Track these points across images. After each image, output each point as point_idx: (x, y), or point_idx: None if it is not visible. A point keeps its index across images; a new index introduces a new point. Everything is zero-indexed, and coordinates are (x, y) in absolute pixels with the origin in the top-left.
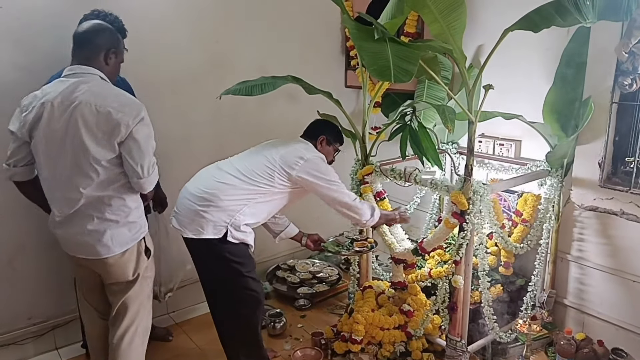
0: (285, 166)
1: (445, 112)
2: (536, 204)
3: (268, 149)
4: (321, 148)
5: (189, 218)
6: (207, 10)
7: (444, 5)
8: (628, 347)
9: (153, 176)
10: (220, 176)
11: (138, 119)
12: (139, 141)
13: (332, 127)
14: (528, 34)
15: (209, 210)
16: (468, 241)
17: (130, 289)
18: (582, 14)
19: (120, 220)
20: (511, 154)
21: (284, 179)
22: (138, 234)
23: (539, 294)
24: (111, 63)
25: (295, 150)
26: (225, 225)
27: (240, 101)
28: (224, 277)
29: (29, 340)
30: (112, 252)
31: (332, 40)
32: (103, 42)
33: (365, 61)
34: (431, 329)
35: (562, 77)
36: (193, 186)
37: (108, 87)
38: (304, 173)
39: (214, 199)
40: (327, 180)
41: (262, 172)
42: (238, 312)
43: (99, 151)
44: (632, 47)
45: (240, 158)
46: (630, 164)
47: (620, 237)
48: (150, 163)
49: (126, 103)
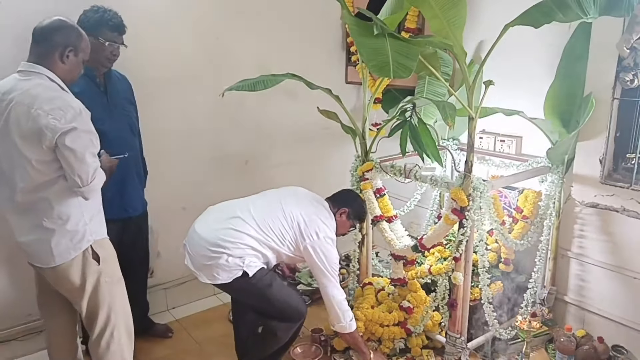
0: (299, 234)
1: (445, 108)
2: (537, 200)
3: (289, 207)
4: (339, 218)
5: (202, 263)
6: (207, 7)
7: (444, 0)
8: (628, 344)
9: (95, 183)
10: (238, 225)
11: (69, 126)
12: (75, 150)
13: (359, 204)
14: (529, 29)
15: (221, 256)
16: (468, 238)
17: (85, 297)
18: (584, 10)
19: (56, 228)
20: (512, 151)
21: (292, 244)
22: (82, 243)
23: (539, 291)
24: (68, 62)
25: (314, 223)
26: (241, 268)
27: (240, 98)
28: (257, 303)
29: (28, 336)
30: (54, 263)
31: (332, 36)
32: (60, 39)
33: (364, 57)
34: (431, 325)
35: (564, 73)
36: (207, 230)
37: (48, 89)
38: (312, 248)
39: (228, 245)
40: (328, 267)
41: (276, 231)
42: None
43: (29, 151)
44: (634, 42)
45: (258, 206)
46: (631, 161)
47: (621, 234)
48: (89, 172)
49: (58, 107)
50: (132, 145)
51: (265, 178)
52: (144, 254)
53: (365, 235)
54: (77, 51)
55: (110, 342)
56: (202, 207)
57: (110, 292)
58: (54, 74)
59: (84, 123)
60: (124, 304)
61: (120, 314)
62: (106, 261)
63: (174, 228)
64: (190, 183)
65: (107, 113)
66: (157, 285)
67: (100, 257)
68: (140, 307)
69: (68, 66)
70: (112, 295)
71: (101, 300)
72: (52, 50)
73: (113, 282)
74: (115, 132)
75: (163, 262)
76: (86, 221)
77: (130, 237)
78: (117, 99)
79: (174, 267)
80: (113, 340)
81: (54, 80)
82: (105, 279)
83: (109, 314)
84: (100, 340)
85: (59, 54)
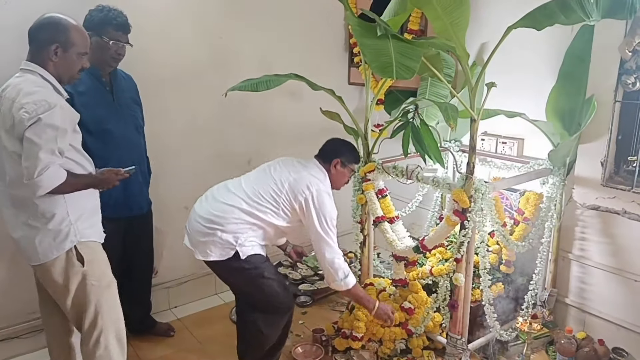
0: (291, 193)
1: (447, 110)
2: (538, 202)
3: (279, 171)
4: (335, 171)
5: (197, 239)
6: (211, 6)
7: (448, 2)
8: (629, 346)
9: (42, 180)
10: (229, 198)
11: (34, 119)
12: (31, 141)
13: (347, 148)
14: (531, 31)
15: (215, 232)
16: (469, 239)
17: (69, 298)
18: (586, 12)
19: (40, 226)
20: (514, 152)
21: (288, 207)
22: (65, 243)
23: (540, 293)
24: (58, 58)
25: (304, 178)
26: (233, 247)
27: (244, 97)
28: (246, 285)
29: (30, 335)
30: (39, 261)
31: (335, 37)
32: (44, 37)
33: (367, 58)
34: (432, 326)
35: (566, 75)
36: (203, 207)
37: (32, 84)
38: (305, 203)
39: (221, 221)
40: (322, 220)
41: (268, 197)
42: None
43: (10, 144)
44: (636, 45)
45: (250, 179)
46: (632, 163)
47: (622, 236)
48: (37, 167)
49: (33, 102)
50: (137, 145)
51: None
52: (148, 253)
53: (367, 236)
54: (65, 47)
55: (96, 348)
56: None
57: (98, 295)
58: (47, 72)
59: (53, 118)
60: (113, 308)
61: (108, 319)
62: (92, 263)
63: (176, 227)
64: (192, 182)
65: (113, 112)
66: (160, 284)
67: (85, 259)
68: (144, 306)
69: (60, 62)
70: (100, 299)
71: (87, 302)
72: (40, 48)
73: (101, 286)
74: (121, 132)
75: (165, 261)
76: (71, 221)
77: (134, 236)
78: (123, 98)
79: (176, 266)
80: (99, 346)
81: (45, 77)
82: (92, 281)
83: (96, 317)
84: (87, 344)
85: (46, 52)
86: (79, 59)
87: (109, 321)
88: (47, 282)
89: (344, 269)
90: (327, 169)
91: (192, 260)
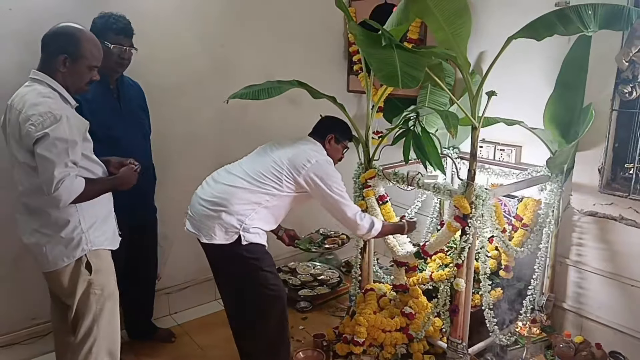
0: (292, 169)
1: (448, 117)
2: (536, 208)
3: (276, 150)
4: (330, 147)
5: (202, 223)
6: (213, 15)
7: (449, 12)
8: (626, 350)
9: (60, 194)
10: (230, 180)
11: (41, 133)
12: (43, 157)
13: (340, 124)
14: (529, 41)
15: (220, 214)
16: (470, 244)
17: (75, 303)
18: (584, 23)
19: (52, 234)
20: (511, 160)
21: (291, 182)
22: (76, 251)
23: (538, 298)
24: (67, 69)
25: (303, 152)
26: (237, 230)
27: (244, 104)
28: (242, 276)
29: (32, 340)
30: (49, 268)
31: (335, 46)
32: (55, 47)
33: (373, 67)
34: (432, 331)
35: (563, 84)
36: (205, 191)
37: (38, 95)
38: (311, 176)
39: (224, 202)
40: (332, 186)
41: (270, 175)
42: (262, 310)
43: (20, 155)
44: (633, 55)
45: (248, 160)
46: (629, 170)
47: (618, 242)
48: (53, 181)
49: (39, 113)
50: (144, 152)
51: None
52: (152, 260)
53: (367, 241)
54: (75, 58)
55: (87, 357)
56: None
57: (99, 305)
58: (55, 81)
59: (60, 131)
60: (111, 321)
61: (103, 330)
62: (99, 273)
63: (177, 233)
64: (193, 188)
65: (120, 119)
66: (160, 290)
67: (93, 268)
68: (146, 312)
69: (68, 73)
70: (100, 309)
71: (87, 310)
72: (50, 57)
73: (103, 295)
74: (128, 139)
75: (166, 267)
76: (83, 230)
77: (139, 242)
78: (130, 105)
79: (176, 272)
80: (90, 356)
81: (53, 87)
82: (95, 290)
83: (92, 326)
84: (78, 351)
85: (55, 62)
86: (89, 72)
87: (105, 333)
88: (56, 288)
89: (367, 219)
90: (322, 145)
91: (193, 267)
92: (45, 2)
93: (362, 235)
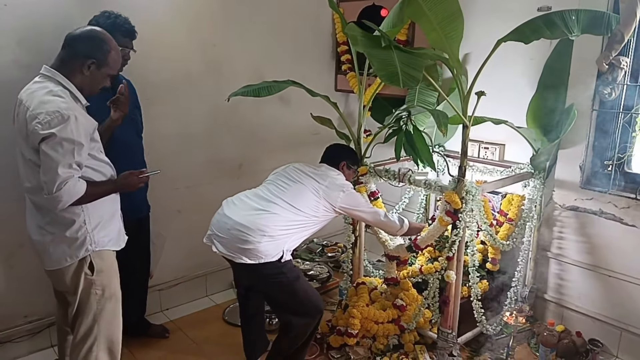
0: (329, 199)
1: (439, 116)
2: (520, 204)
3: (308, 179)
4: (344, 172)
5: (239, 247)
6: (205, 14)
7: (443, 15)
8: (604, 337)
9: (61, 195)
10: (268, 207)
11: (48, 132)
12: (49, 156)
13: (349, 152)
14: (513, 44)
15: (263, 240)
16: (460, 238)
17: (76, 301)
18: (569, 28)
19: (56, 233)
20: (495, 157)
21: (328, 210)
22: (80, 251)
23: (521, 289)
24: (89, 73)
25: (334, 182)
26: (280, 251)
27: (234, 103)
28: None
29: (24, 337)
30: (51, 267)
31: (323, 46)
32: (83, 49)
33: (375, 67)
34: (422, 322)
35: (545, 85)
36: (240, 215)
37: (48, 93)
38: (346, 204)
39: (267, 230)
40: (363, 209)
41: (309, 204)
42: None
43: (27, 152)
44: (612, 59)
45: (281, 188)
46: (608, 167)
47: (597, 235)
48: (55, 182)
49: (46, 112)
50: (138, 148)
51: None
52: (146, 256)
53: (358, 237)
54: (100, 64)
55: (88, 355)
56: (196, 210)
57: (100, 305)
58: (70, 82)
59: (67, 131)
60: (112, 321)
61: (104, 330)
62: (101, 273)
63: (169, 230)
64: (185, 186)
65: None
66: (152, 286)
67: (95, 268)
68: (140, 308)
69: (88, 77)
70: (100, 309)
71: (87, 309)
72: (73, 57)
73: (104, 296)
74: (123, 136)
75: (157, 264)
76: (88, 230)
77: (133, 239)
78: None
79: (167, 268)
80: (91, 355)
81: (67, 87)
82: (96, 290)
83: (92, 325)
84: (78, 350)
85: (79, 63)
86: (106, 79)
87: (105, 333)
88: (58, 284)
89: (396, 219)
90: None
91: (184, 264)
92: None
93: (397, 233)
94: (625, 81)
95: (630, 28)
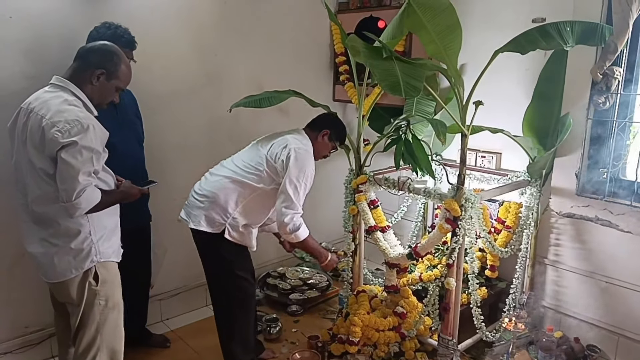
0: (272, 155)
1: (438, 126)
2: (518, 211)
3: (263, 142)
4: (321, 140)
5: (193, 211)
6: (207, 25)
7: (442, 27)
8: (601, 343)
9: (80, 202)
10: (221, 171)
11: (69, 140)
12: (69, 164)
13: (339, 124)
14: (509, 54)
15: (207, 204)
16: (460, 245)
17: (79, 312)
18: (564, 39)
19: (61, 244)
20: (492, 166)
21: (271, 169)
22: (85, 262)
23: (519, 296)
24: (98, 83)
25: (284, 140)
26: (223, 223)
27: (235, 113)
28: (216, 273)
29: (26, 348)
30: (55, 279)
31: (321, 57)
32: (94, 60)
33: (377, 77)
34: (422, 330)
35: (540, 94)
36: (200, 184)
37: (64, 102)
38: (286, 159)
39: (211, 194)
40: (297, 173)
41: (254, 164)
42: (229, 309)
43: (38, 161)
44: (606, 69)
45: (238, 154)
46: (604, 175)
47: (593, 242)
48: (75, 189)
49: (65, 120)
50: (139, 158)
51: None
52: (146, 266)
53: (358, 245)
54: (110, 76)
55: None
56: None
57: (103, 315)
58: (82, 92)
59: (88, 140)
60: (115, 332)
61: (106, 341)
62: (105, 284)
63: (169, 240)
64: (185, 195)
65: (117, 126)
66: (152, 296)
67: (100, 279)
68: (141, 318)
69: (97, 88)
70: (104, 320)
71: (90, 320)
72: (85, 68)
73: (107, 307)
74: (124, 145)
75: (158, 274)
76: (93, 241)
77: (134, 248)
78: (126, 112)
79: (168, 278)
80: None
81: (78, 96)
82: (100, 301)
83: (95, 336)
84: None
85: (89, 73)
86: (114, 92)
87: (108, 344)
88: (61, 296)
89: (292, 224)
90: (313, 138)
91: (184, 273)
92: (45, 11)
93: (282, 233)
94: (619, 90)
95: (623, 39)
